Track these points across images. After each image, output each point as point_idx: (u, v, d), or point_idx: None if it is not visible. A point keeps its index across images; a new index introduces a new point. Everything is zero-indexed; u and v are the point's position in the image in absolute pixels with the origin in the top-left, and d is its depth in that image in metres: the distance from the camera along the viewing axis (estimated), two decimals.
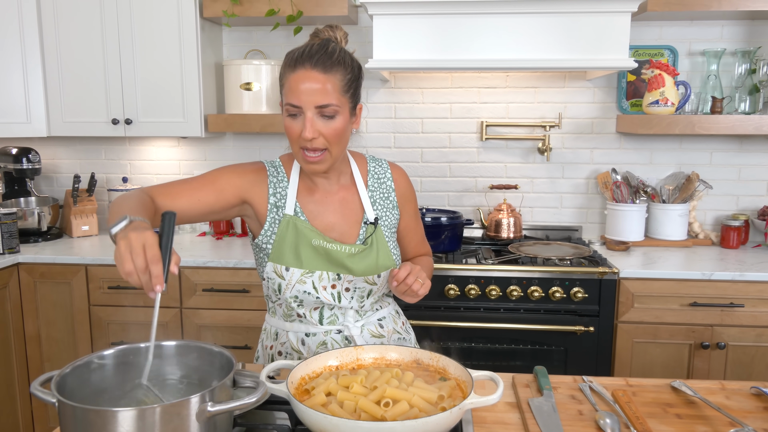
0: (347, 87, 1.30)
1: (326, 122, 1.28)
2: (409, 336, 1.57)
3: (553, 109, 2.91)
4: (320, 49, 1.29)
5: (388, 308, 1.53)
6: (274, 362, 1.17)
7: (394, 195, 1.49)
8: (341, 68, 1.29)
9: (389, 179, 1.50)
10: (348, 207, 1.44)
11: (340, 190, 1.44)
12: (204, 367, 1.00)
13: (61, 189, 3.18)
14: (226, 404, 0.84)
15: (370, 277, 1.41)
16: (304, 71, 1.27)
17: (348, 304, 1.42)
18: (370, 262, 1.40)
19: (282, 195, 1.41)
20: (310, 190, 1.43)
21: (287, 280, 1.38)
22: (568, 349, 2.41)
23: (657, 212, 2.80)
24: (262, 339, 1.54)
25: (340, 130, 1.29)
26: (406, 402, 1.04)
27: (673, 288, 2.35)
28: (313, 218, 1.40)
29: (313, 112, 1.26)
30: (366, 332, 1.46)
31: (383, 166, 1.51)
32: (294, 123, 1.29)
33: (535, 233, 2.96)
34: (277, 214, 1.39)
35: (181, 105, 2.74)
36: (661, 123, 2.57)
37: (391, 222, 1.47)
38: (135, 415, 0.79)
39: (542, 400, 1.22)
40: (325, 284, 1.39)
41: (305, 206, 1.41)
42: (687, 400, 1.24)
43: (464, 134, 2.97)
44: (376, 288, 1.44)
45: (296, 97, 1.26)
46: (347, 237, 1.42)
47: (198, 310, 2.54)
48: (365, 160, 1.50)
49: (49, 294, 2.59)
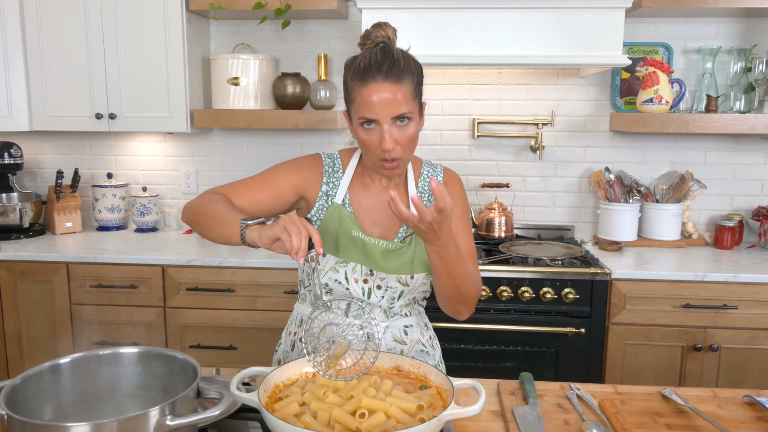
0: (416, 92, 1.29)
1: (401, 130, 1.26)
2: (434, 352, 1.51)
3: (546, 106, 2.86)
4: (386, 58, 1.26)
5: (418, 317, 1.48)
6: (248, 369, 1.12)
7: None
8: (410, 75, 1.27)
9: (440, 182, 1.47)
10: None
11: (392, 188, 1.43)
12: (169, 376, 0.94)
13: (44, 184, 3.11)
14: (188, 417, 0.79)
15: (403, 277, 1.38)
16: (375, 84, 1.24)
17: (377, 302, 1.39)
18: (404, 261, 1.37)
19: (335, 185, 1.41)
20: (364, 185, 1.42)
21: (321, 265, 1.38)
22: (559, 351, 2.37)
23: (650, 212, 2.76)
24: (288, 325, 1.53)
25: (415, 135, 1.29)
26: (382, 413, 0.99)
27: (665, 289, 2.31)
28: (361, 211, 1.40)
29: (390, 123, 1.25)
30: (389, 335, 1.42)
31: (437, 170, 1.49)
32: (370, 135, 1.27)
33: (527, 232, 2.92)
34: (327, 201, 1.40)
35: (166, 100, 2.68)
36: (655, 121, 2.52)
37: None
38: (89, 431, 0.74)
39: (527, 409, 1.17)
40: (357, 277, 1.37)
41: (355, 199, 1.41)
42: (677, 409, 1.19)
43: (455, 131, 2.92)
44: (407, 290, 1.40)
45: (371, 112, 1.24)
46: (388, 234, 1.41)
47: (182, 310, 2.48)
48: (421, 164, 1.49)
49: (30, 292, 2.54)
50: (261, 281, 2.44)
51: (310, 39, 2.91)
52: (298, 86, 2.72)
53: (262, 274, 2.44)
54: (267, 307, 2.46)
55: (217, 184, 3.06)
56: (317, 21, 2.89)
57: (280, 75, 2.75)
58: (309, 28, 2.89)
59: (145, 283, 2.48)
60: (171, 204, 3.09)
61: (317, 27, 2.89)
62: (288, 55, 2.93)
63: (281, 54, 2.93)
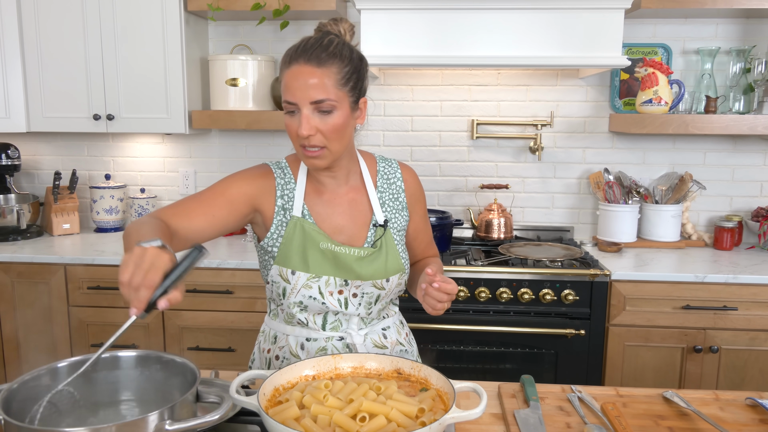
0: (345, 80, 1.24)
1: (323, 118, 1.22)
2: (412, 348, 1.51)
3: (545, 107, 2.86)
4: (315, 43, 1.24)
5: (394, 318, 1.48)
6: (247, 372, 1.11)
7: (404, 196, 1.44)
8: (337, 60, 1.23)
9: (399, 179, 1.44)
10: (357, 209, 1.38)
11: (349, 191, 1.39)
12: (168, 380, 0.93)
13: (41, 186, 3.10)
14: (187, 422, 0.78)
15: (379, 281, 1.36)
16: (298, 66, 1.22)
17: (354, 311, 1.37)
18: (378, 266, 1.35)
19: (289, 197, 1.35)
20: (318, 192, 1.38)
21: (293, 284, 1.32)
22: (558, 353, 2.36)
23: (650, 213, 2.75)
24: (260, 341, 1.48)
25: (339, 126, 1.24)
26: (383, 416, 0.98)
27: (665, 291, 2.30)
28: (321, 221, 1.35)
29: (309, 108, 1.21)
30: (369, 341, 1.40)
31: (393, 166, 1.46)
32: (292, 120, 1.24)
33: (526, 234, 2.91)
34: (284, 216, 1.35)
35: (164, 100, 2.67)
36: (654, 122, 2.52)
37: (400, 224, 1.42)
38: None
39: (529, 412, 1.17)
40: (332, 290, 1.34)
41: (313, 208, 1.36)
42: (680, 412, 1.19)
43: (455, 132, 2.92)
44: (384, 293, 1.38)
45: (291, 94, 1.22)
46: (355, 240, 1.37)
47: (180, 312, 2.47)
48: (375, 160, 1.45)
49: (27, 294, 2.52)
50: (260, 283, 2.43)
51: None
52: None
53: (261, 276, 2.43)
54: (266, 309, 2.44)
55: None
56: (316, 22, 2.86)
57: (278, 76, 2.74)
58: (307, 28, 2.88)
59: None
60: None
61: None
62: None
63: (279, 55, 2.92)
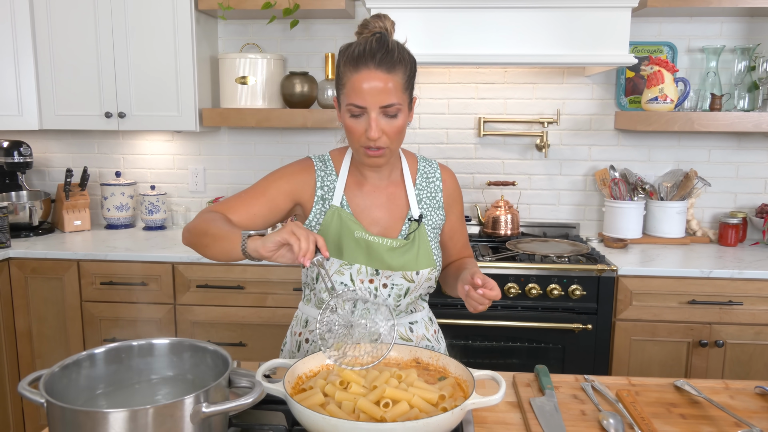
0: (407, 84, 1.29)
1: (389, 121, 1.27)
2: (440, 345, 1.54)
3: (552, 105, 2.89)
4: (381, 47, 1.26)
5: (422, 313, 1.51)
6: (271, 361, 1.14)
7: (441, 195, 1.48)
8: (402, 66, 1.27)
9: (438, 179, 1.48)
10: (394, 203, 1.43)
11: (389, 186, 1.43)
12: (198, 367, 0.96)
13: (53, 183, 3.13)
14: (222, 405, 0.81)
15: (409, 273, 1.39)
16: (367, 71, 1.25)
17: (383, 302, 1.40)
18: (409, 258, 1.38)
19: (330, 188, 1.41)
20: (359, 184, 1.42)
21: (325, 270, 1.36)
22: (565, 347, 2.40)
23: (655, 209, 2.78)
24: (292, 326, 1.54)
25: (402, 128, 1.29)
26: (406, 402, 1.01)
27: (671, 286, 2.33)
28: (359, 211, 1.40)
29: (377, 112, 1.25)
30: (395, 333, 1.43)
31: (433, 166, 1.50)
32: (357, 123, 1.28)
33: (532, 230, 2.94)
34: (324, 205, 1.40)
35: (175, 98, 2.70)
36: (660, 120, 2.55)
37: (435, 222, 1.45)
38: (126, 417, 0.76)
39: (544, 400, 1.20)
40: (363, 278, 1.38)
41: (352, 200, 1.41)
42: (691, 400, 1.22)
43: (461, 130, 2.95)
44: (413, 286, 1.41)
45: (361, 98, 1.25)
46: (390, 232, 1.41)
47: (192, 307, 2.50)
48: (416, 159, 1.49)
49: (41, 289, 2.56)
50: (270, 278, 2.46)
51: (317, 38, 2.93)
52: (305, 85, 2.74)
53: (272, 271, 2.46)
54: (276, 304, 2.48)
55: (224, 182, 3.08)
56: (325, 20, 2.91)
57: (287, 74, 2.77)
58: (317, 27, 2.91)
59: (156, 281, 2.50)
60: (179, 202, 3.11)
61: (325, 26, 2.92)
62: (295, 54, 2.95)
63: (289, 53, 2.95)
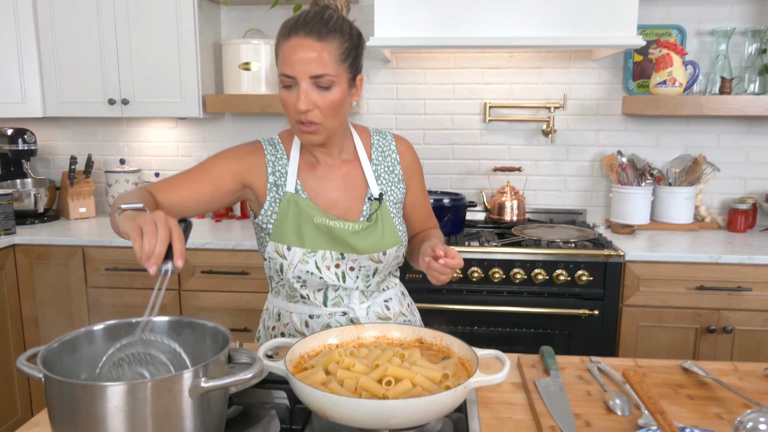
0: (344, 56, 1.23)
1: (322, 93, 1.21)
2: (414, 318, 1.53)
3: (558, 90, 2.86)
4: (316, 16, 1.22)
5: (395, 289, 1.49)
6: (273, 340, 1.13)
7: (399, 168, 1.43)
8: (338, 36, 1.22)
9: (394, 152, 1.44)
10: (351, 182, 1.38)
11: (343, 165, 1.39)
12: (198, 344, 0.95)
13: (57, 171, 3.13)
14: (221, 380, 0.80)
15: (375, 255, 1.36)
16: (298, 39, 1.20)
17: (353, 285, 1.37)
18: (374, 240, 1.35)
19: (282, 173, 1.35)
20: (312, 166, 1.37)
21: (289, 260, 1.33)
22: (571, 333, 2.38)
23: (663, 195, 2.75)
24: (264, 319, 1.49)
25: (337, 102, 1.23)
26: (408, 381, 1.00)
27: (679, 271, 2.31)
28: (314, 195, 1.35)
29: (308, 82, 1.20)
30: (372, 314, 1.42)
31: (387, 139, 1.45)
32: (289, 94, 1.23)
33: (538, 216, 2.92)
34: (278, 192, 1.34)
35: (178, 85, 2.69)
36: (668, 104, 2.51)
37: (396, 197, 1.42)
38: (124, 390, 0.75)
39: (549, 381, 1.18)
40: (329, 264, 1.34)
41: (306, 183, 1.36)
42: (699, 382, 1.20)
43: (467, 116, 2.92)
44: (381, 266, 1.39)
45: (290, 67, 1.20)
46: (350, 214, 1.37)
47: (197, 293, 2.50)
48: (368, 133, 1.44)
49: (46, 276, 2.56)
50: None
51: None
52: None
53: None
54: None
55: None
56: None
57: None
58: None
59: None
60: None
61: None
62: None
63: None
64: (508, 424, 1.07)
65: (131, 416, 0.75)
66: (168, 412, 0.77)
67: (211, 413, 0.84)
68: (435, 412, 0.93)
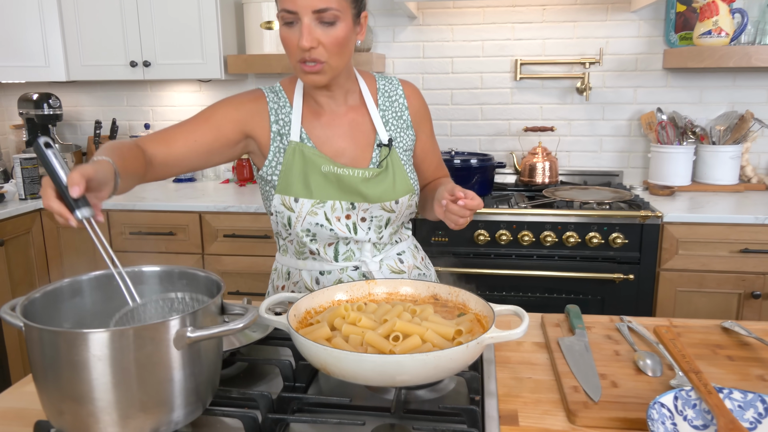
0: None
1: (326, 29, 1.13)
2: (429, 272, 1.46)
3: (594, 44, 2.70)
4: None
5: (408, 241, 1.42)
6: (277, 294, 1.07)
7: (407, 114, 1.36)
8: None
9: (401, 97, 1.36)
10: (358, 129, 1.31)
11: (349, 112, 1.31)
12: (191, 295, 0.90)
13: (83, 137, 3.13)
14: (209, 330, 0.74)
15: (387, 203, 1.29)
16: None
17: (365, 237, 1.31)
18: (386, 187, 1.28)
19: (285, 121, 1.28)
20: (316, 114, 1.30)
21: (297, 213, 1.26)
22: (605, 299, 2.27)
23: (706, 155, 2.59)
24: (273, 279, 1.44)
25: (342, 39, 1.15)
26: (418, 336, 0.93)
27: (722, 233, 2.17)
28: (321, 144, 1.28)
29: (311, 17, 1.12)
30: (385, 268, 1.35)
31: (394, 83, 1.37)
32: (290, 32, 1.15)
33: (572, 179, 2.79)
34: (282, 142, 1.28)
35: (199, 46, 2.64)
36: (713, 55, 2.35)
37: (406, 144, 1.35)
38: (105, 338, 0.70)
39: (574, 340, 1.10)
40: (339, 215, 1.27)
41: (311, 131, 1.29)
42: (740, 342, 1.10)
43: (497, 74, 2.79)
44: (394, 216, 1.32)
45: (291, 2, 1.12)
46: (359, 161, 1.30)
47: (220, 257, 2.48)
48: (374, 79, 1.37)
49: (73, 240, 2.57)
50: None
51: None
52: None
53: None
54: None
55: None
56: None
57: None
58: None
59: (183, 230, 2.47)
60: None
61: None
62: None
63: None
64: (527, 384, 0.99)
65: (113, 366, 0.71)
66: (152, 363, 0.72)
67: (201, 365, 0.78)
68: (445, 369, 0.86)
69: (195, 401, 0.79)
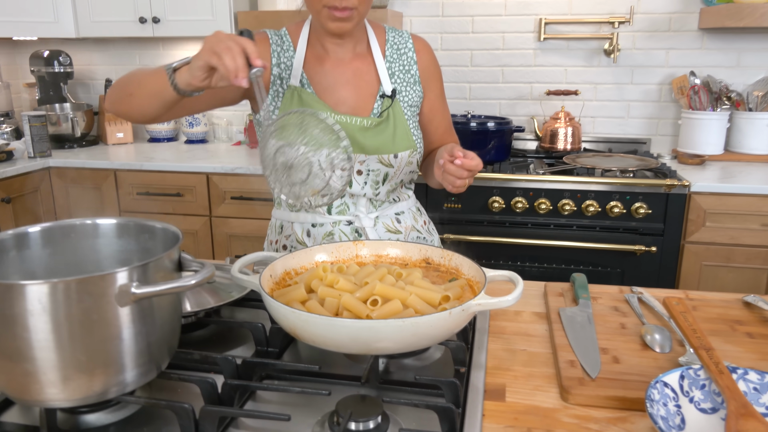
0: None
1: None
2: (432, 237, 1.38)
3: (624, 2, 2.53)
4: None
5: (408, 202, 1.34)
6: (254, 253, 1.00)
7: (416, 69, 1.28)
8: None
9: (411, 50, 1.29)
10: (362, 78, 1.24)
11: (354, 60, 1.25)
12: (149, 251, 0.83)
13: (96, 96, 3.09)
14: (155, 286, 0.67)
15: (386, 156, 1.22)
16: None
17: (360, 190, 1.24)
18: (385, 139, 1.21)
19: (287, 65, 1.23)
20: (320, 59, 1.24)
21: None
22: (625, 271, 2.16)
23: (741, 122, 2.43)
24: (268, 235, 1.39)
25: None
26: (398, 301, 0.85)
27: (754, 205, 2.03)
28: (321, 90, 1.22)
29: None
30: (380, 226, 1.28)
31: (404, 37, 1.30)
32: None
33: (596, 146, 2.66)
34: (281, 86, 1.22)
35: (209, 2, 2.55)
36: (754, 13, 2.17)
37: (412, 99, 1.27)
38: (39, 291, 0.63)
39: (576, 311, 1.01)
40: None
41: (313, 77, 1.23)
42: (763, 318, 0.99)
43: (520, 34, 2.65)
44: (392, 172, 1.25)
45: None
46: (360, 111, 1.24)
47: (227, 219, 2.42)
48: (384, 30, 1.30)
49: (81, 198, 2.54)
50: None
51: None
52: None
53: None
54: None
55: None
56: None
57: None
58: None
59: (191, 191, 2.42)
60: (220, 116, 3.00)
61: None
62: None
63: None
64: (521, 357, 0.91)
65: (49, 322, 0.64)
66: (92, 320, 0.66)
67: (154, 324, 0.72)
68: (425, 336, 0.78)
69: (147, 362, 0.73)
